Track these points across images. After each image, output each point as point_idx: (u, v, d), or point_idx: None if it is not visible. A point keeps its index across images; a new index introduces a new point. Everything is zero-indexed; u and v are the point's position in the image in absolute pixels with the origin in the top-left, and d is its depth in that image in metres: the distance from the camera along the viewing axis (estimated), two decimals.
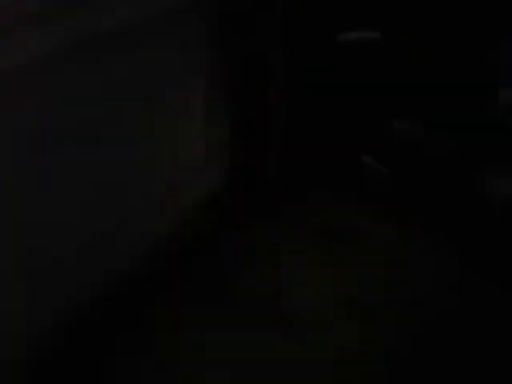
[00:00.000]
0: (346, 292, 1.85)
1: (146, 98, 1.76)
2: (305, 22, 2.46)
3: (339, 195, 2.41)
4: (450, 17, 2.36)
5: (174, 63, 1.87)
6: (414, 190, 2.42)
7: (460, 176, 2.38)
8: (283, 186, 2.46)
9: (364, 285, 1.88)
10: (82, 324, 1.66)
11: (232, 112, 2.30)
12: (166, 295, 1.83)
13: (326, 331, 1.69)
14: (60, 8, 1.30)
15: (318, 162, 2.57)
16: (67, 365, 1.54)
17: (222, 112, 2.25)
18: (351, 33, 2.46)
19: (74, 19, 1.35)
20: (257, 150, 2.39)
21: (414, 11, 2.36)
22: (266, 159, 2.39)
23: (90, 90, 1.49)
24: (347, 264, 1.99)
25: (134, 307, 1.78)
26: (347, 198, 2.39)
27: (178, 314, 1.75)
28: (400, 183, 2.43)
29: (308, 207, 2.32)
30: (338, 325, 1.72)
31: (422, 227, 2.22)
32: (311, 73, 2.53)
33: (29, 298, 1.42)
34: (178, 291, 1.85)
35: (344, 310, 1.77)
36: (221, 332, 1.68)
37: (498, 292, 1.85)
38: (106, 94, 1.55)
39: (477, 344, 1.65)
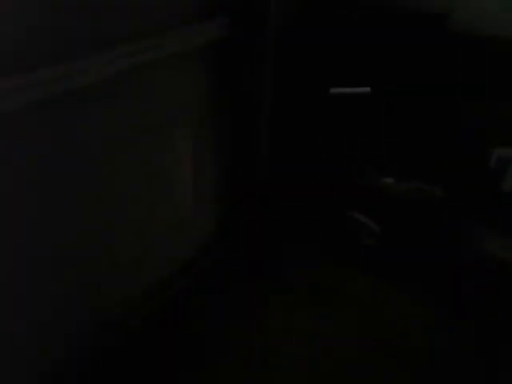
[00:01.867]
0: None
1: (133, 149, 1.74)
2: (297, 76, 2.47)
3: (324, 247, 2.39)
4: (439, 75, 2.37)
5: (162, 113, 1.85)
6: (401, 244, 2.39)
7: (448, 232, 2.36)
8: (267, 240, 2.43)
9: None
10: None
11: (220, 164, 2.29)
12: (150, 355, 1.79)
13: None
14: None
15: (302, 213, 2.55)
16: None
17: (210, 164, 2.23)
18: (343, 88, 2.46)
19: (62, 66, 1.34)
20: (243, 201, 2.37)
21: (405, 69, 2.38)
22: (251, 212, 2.38)
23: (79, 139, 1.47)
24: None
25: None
26: (331, 251, 2.36)
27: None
28: (387, 237, 2.41)
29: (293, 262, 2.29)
30: None
31: (409, 283, 2.19)
32: (301, 124, 2.53)
33: None
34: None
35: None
36: None
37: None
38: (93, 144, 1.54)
39: None
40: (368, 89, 2.47)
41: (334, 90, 2.47)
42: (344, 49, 2.43)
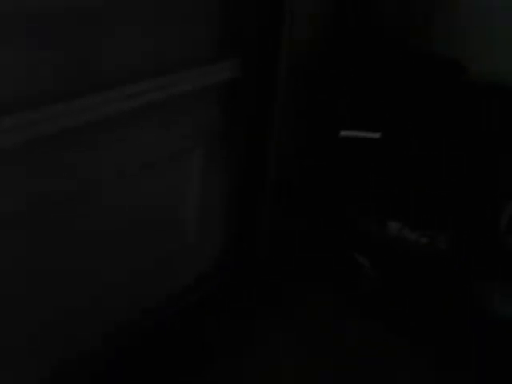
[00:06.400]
0: None
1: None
2: (307, 118, 2.51)
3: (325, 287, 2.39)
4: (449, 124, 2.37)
5: (170, 146, 1.89)
6: (403, 291, 2.36)
7: (451, 283, 2.31)
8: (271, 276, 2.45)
9: None
10: None
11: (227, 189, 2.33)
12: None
13: None
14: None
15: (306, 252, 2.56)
16: None
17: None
18: (352, 131, 2.50)
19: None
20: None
21: (415, 115, 2.39)
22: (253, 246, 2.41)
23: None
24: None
25: None
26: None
27: None
28: (387, 285, 2.38)
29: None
30: None
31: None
32: (307, 163, 2.57)
33: None
34: None
35: None
36: None
37: None
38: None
39: None
40: (377, 134, 2.49)
41: (343, 133, 2.50)
42: (355, 91, 2.48)
